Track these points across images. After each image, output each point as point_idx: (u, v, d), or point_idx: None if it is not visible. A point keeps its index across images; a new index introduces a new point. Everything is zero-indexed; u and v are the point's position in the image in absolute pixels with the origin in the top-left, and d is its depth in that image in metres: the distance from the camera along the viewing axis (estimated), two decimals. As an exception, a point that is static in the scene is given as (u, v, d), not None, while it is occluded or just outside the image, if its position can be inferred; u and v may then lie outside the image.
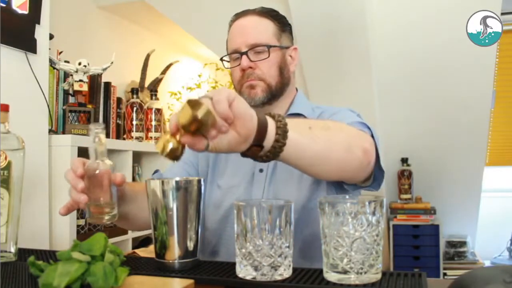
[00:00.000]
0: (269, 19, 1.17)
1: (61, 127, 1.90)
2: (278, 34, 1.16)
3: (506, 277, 0.56)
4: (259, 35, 1.14)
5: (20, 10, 1.54)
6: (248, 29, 1.15)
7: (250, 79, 1.13)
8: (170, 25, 2.87)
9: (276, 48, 1.14)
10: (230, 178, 1.16)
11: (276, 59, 1.14)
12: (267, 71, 1.13)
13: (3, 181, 0.76)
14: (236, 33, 1.16)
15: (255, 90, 1.13)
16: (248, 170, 1.14)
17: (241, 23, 1.17)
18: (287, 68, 1.17)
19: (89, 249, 0.70)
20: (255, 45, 1.12)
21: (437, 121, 3.16)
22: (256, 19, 1.16)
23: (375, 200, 0.70)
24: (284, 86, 1.16)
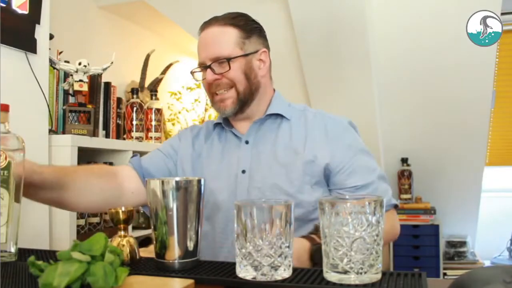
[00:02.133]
0: (232, 27, 1.18)
1: (61, 127, 1.90)
2: (241, 43, 1.17)
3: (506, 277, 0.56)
4: (219, 48, 1.15)
5: (20, 10, 1.54)
6: (209, 42, 1.17)
7: (218, 91, 1.17)
8: (170, 25, 2.87)
9: (238, 57, 1.16)
10: (212, 180, 1.17)
11: (239, 66, 1.16)
12: (232, 78, 1.16)
13: (3, 181, 0.76)
14: (200, 46, 1.19)
15: (225, 103, 1.17)
16: (231, 172, 1.17)
17: (204, 36, 1.19)
18: (254, 73, 1.18)
19: (89, 249, 0.70)
20: (217, 58, 1.15)
21: (437, 121, 3.16)
22: (217, 31, 1.18)
23: (375, 200, 0.70)
24: (253, 91, 1.18)
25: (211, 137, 1.26)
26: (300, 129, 1.19)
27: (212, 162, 1.21)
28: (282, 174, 1.14)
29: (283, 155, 1.16)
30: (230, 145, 1.22)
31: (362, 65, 2.73)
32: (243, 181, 1.15)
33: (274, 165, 1.15)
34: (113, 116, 2.22)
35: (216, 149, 1.23)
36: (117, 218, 0.89)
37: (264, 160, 1.16)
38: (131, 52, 2.80)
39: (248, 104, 1.19)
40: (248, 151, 1.19)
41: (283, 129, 1.20)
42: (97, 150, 2.02)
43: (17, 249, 0.86)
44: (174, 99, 3.20)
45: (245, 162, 1.17)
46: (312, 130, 1.18)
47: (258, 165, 1.16)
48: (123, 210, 0.89)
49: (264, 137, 1.20)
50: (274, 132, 1.20)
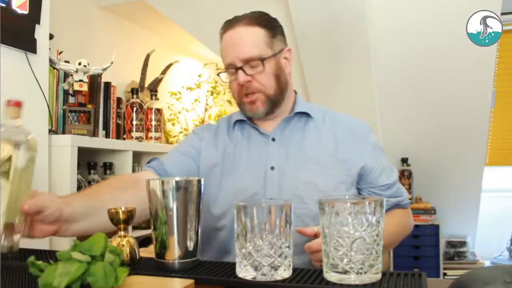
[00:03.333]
0: (258, 26, 1.16)
1: (61, 127, 1.90)
2: (269, 42, 1.16)
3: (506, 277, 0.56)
4: (251, 49, 1.13)
5: (20, 10, 1.54)
6: (239, 42, 1.14)
7: (249, 94, 1.15)
8: (170, 25, 2.87)
9: (270, 57, 1.15)
10: (240, 178, 1.16)
11: (271, 68, 1.15)
12: (264, 82, 1.15)
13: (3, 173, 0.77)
14: (228, 47, 1.16)
15: (256, 104, 1.16)
16: (259, 169, 1.15)
17: (231, 35, 1.16)
18: (283, 72, 1.19)
19: (89, 249, 0.70)
20: (249, 60, 1.13)
21: (437, 121, 3.16)
22: (245, 31, 1.15)
23: (375, 200, 0.70)
24: (283, 91, 1.19)
25: (234, 134, 1.24)
26: (327, 129, 1.20)
27: (238, 160, 1.19)
28: (316, 171, 1.13)
29: (314, 153, 1.16)
30: (256, 142, 1.20)
31: (362, 65, 2.73)
32: (272, 177, 1.14)
33: (306, 162, 1.14)
34: (113, 116, 2.22)
35: (241, 147, 1.21)
36: (117, 218, 0.89)
37: (294, 157, 1.16)
38: (131, 52, 2.80)
39: (279, 105, 1.19)
40: (276, 148, 1.17)
41: (310, 128, 1.20)
42: (97, 150, 2.02)
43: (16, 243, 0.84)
44: (174, 99, 3.20)
45: (273, 158, 1.16)
46: (340, 131, 1.19)
47: (287, 162, 1.15)
48: (123, 210, 0.89)
49: (291, 135, 1.19)
50: (300, 130, 1.20)
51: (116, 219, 0.89)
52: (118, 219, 0.89)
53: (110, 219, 0.89)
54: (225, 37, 1.17)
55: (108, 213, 0.89)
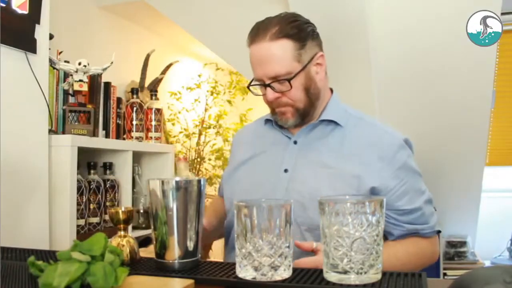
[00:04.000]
0: (286, 39, 1.10)
1: (61, 127, 1.90)
2: (298, 55, 1.11)
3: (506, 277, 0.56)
4: (277, 67, 1.09)
5: (20, 10, 1.54)
6: (265, 59, 1.10)
7: (279, 107, 1.14)
8: (170, 25, 2.87)
9: (299, 73, 1.11)
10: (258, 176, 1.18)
11: (300, 82, 1.12)
12: (293, 97, 1.12)
13: None
14: (255, 62, 1.13)
15: (286, 115, 1.15)
16: (273, 170, 1.17)
17: (257, 51, 1.11)
18: (314, 83, 1.15)
19: (89, 249, 0.70)
20: (276, 77, 1.10)
21: (437, 121, 3.15)
22: (270, 47, 1.09)
23: (375, 200, 0.70)
24: (314, 102, 1.16)
25: (263, 132, 1.26)
26: (353, 138, 1.15)
27: (258, 159, 1.21)
28: (326, 180, 1.09)
29: (330, 161, 1.12)
30: (277, 143, 1.21)
31: (362, 65, 2.73)
32: (283, 179, 1.13)
33: (319, 170, 1.11)
34: (113, 116, 2.22)
35: (265, 145, 1.23)
36: (117, 218, 0.89)
37: (309, 163, 1.13)
38: (131, 52, 2.80)
39: (310, 115, 1.17)
40: (294, 152, 1.17)
41: (335, 136, 1.16)
42: (97, 150, 2.02)
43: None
44: (174, 99, 3.20)
45: (289, 161, 1.15)
46: (366, 143, 1.13)
47: (301, 166, 1.13)
48: (123, 210, 0.89)
49: (314, 140, 1.17)
50: (325, 137, 1.17)
51: (116, 219, 0.89)
52: (118, 219, 0.89)
53: (110, 219, 0.89)
54: (252, 51, 1.13)
55: (108, 213, 0.89)
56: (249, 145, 1.27)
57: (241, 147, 1.29)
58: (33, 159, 1.62)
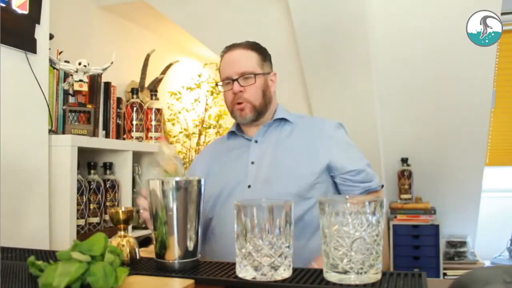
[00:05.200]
0: (253, 51, 1.43)
1: (61, 127, 1.90)
2: (261, 64, 1.43)
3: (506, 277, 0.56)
4: (246, 65, 1.40)
5: (20, 10, 1.54)
6: (237, 60, 1.41)
7: (239, 102, 1.40)
8: (170, 25, 2.87)
9: (260, 75, 1.41)
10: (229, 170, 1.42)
11: (260, 83, 1.41)
12: (253, 94, 1.40)
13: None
14: (228, 63, 1.43)
15: (245, 111, 1.41)
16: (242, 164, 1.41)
17: (231, 55, 1.43)
18: (269, 89, 1.45)
19: (89, 249, 0.70)
20: (244, 73, 1.39)
21: (437, 121, 3.16)
22: (243, 52, 1.43)
23: (375, 200, 0.70)
24: (267, 104, 1.44)
25: (226, 144, 1.52)
26: (300, 128, 1.45)
27: (226, 160, 1.46)
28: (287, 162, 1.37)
29: (287, 148, 1.40)
30: (241, 145, 1.47)
31: (363, 66, 2.73)
32: (252, 170, 1.39)
33: (278, 156, 1.39)
34: (113, 116, 2.22)
35: (231, 151, 1.48)
36: (117, 218, 0.89)
37: (270, 153, 1.40)
38: (131, 52, 2.80)
39: (263, 114, 1.43)
40: (257, 148, 1.43)
41: (286, 129, 1.45)
42: (97, 150, 2.02)
43: None
44: (174, 99, 3.20)
45: (254, 155, 1.41)
46: (311, 129, 1.44)
47: (264, 157, 1.40)
48: (123, 210, 0.89)
49: (270, 136, 1.45)
50: (277, 132, 1.45)
51: (116, 219, 0.89)
52: (118, 219, 0.89)
53: (110, 219, 0.89)
54: (225, 56, 1.45)
55: (108, 213, 0.89)
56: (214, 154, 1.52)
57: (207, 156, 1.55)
58: (33, 159, 1.62)
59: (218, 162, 1.48)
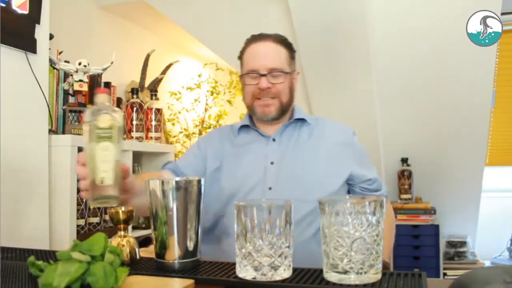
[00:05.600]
0: (283, 46, 1.35)
1: (61, 127, 1.90)
2: (289, 61, 1.36)
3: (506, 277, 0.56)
4: (276, 61, 1.32)
5: (20, 10, 1.54)
6: (267, 54, 1.33)
7: (264, 97, 1.32)
8: (170, 25, 2.87)
9: (288, 73, 1.34)
10: (245, 171, 1.33)
11: (288, 82, 1.35)
12: (280, 92, 1.33)
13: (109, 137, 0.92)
14: (256, 56, 1.33)
15: (269, 108, 1.33)
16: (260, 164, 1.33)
17: (260, 47, 1.34)
18: (294, 88, 1.39)
19: (89, 249, 0.70)
20: (274, 70, 1.31)
21: (437, 121, 3.15)
22: (273, 46, 1.34)
23: (375, 200, 0.70)
24: (291, 102, 1.38)
25: (238, 139, 1.42)
26: (319, 132, 1.40)
27: (241, 159, 1.36)
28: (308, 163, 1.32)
29: (306, 150, 1.35)
30: (256, 142, 1.39)
31: (363, 66, 2.73)
32: (271, 170, 1.31)
33: (299, 156, 1.33)
34: (113, 116, 2.21)
35: (245, 147, 1.39)
36: (117, 218, 0.89)
37: (290, 154, 1.34)
38: (131, 52, 2.80)
39: (285, 113, 1.38)
40: (275, 147, 1.36)
41: (304, 131, 1.40)
42: (97, 150, 2.02)
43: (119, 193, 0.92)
44: (174, 99, 3.20)
45: (273, 155, 1.34)
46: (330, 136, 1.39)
47: (284, 157, 1.33)
48: (123, 210, 0.89)
49: (288, 136, 1.38)
50: (296, 132, 1.39)
51: (116, 219, 0.89)
52: (118, 219, 0.89)
53: (110, 219, 0.89)
54: (253, 47, 1.35)
55: (108, 213, 0.89)
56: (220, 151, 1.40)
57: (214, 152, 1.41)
58: (33, 159, 1.62)
59: (231, 157, 1.38)
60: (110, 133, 0.94)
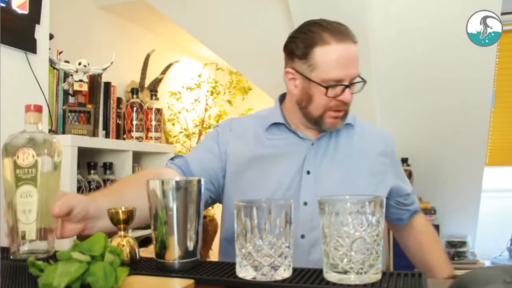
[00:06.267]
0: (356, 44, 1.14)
1: (61, 127, 1.90)
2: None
3: (506, 277, 0.56)
4: (358, 69, 1.13)
5: (20, 10, 1.54)
6: (353, 61, 1.12)
7: (341, 110, 1.15)
8: (170, 25, 2.88)
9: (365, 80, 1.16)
10: (278, 179, 1.15)
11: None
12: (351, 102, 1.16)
13: (31, 179, 0.76)
14: (342, 62, 1.10)
15: (338, 119, 1.16)
16: (296, 172, 1.16)
17: (347, 52, 1.11)
18: None
19: (89, 249, 0.70)
20: (355, 78, 1.13)
21: (437, 121, 3.16)
22: (355, 49, 1.13)
23: (375, 200, 0.70)
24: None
25: (269, 136, 1.21)
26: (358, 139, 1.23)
27: (273, 162, 1.17)
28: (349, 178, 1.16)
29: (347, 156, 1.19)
30: (290, 145, 1.19)
31: (362, 66, 2.72)
32: (308, 182, 1.15)
33: (337, 164, 1.17)
34: (113, 116, 2.22)
35: (278, 149, 1.20)
36: (117, 218, 0.89)
37: (328, 160, 1.17)
38: (131, 52, 2.80)
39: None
40: (313, 152, 1.18)
41: (342, 135, 1.22)
42: (97, 150, 2.02)
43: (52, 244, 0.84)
44: (174, 99, 3.20)
45: (310, 163, 1.16)
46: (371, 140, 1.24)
47: (322, 165, 1.17)
48: (123, 210, 0.89)
49: (327, 140, 1.20)
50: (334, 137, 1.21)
51: (116, 219, 0.89)
52: (118, 219, 0.89)
53: (110, 219, 0.89)
54: (340, 50, 1.10)
55: (108, 213, 0.88)
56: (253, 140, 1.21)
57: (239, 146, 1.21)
58: (33, 159, 1.61)
59: (258, 160, 1.18)
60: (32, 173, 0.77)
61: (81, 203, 0.90)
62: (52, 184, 0.84)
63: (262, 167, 1.16)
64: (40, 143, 0.80)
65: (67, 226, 0.90)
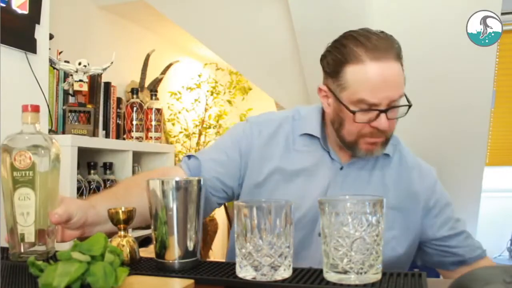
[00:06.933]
0: (400, 62, 0.99)
1: (61, 127, 1.90)
2: (404, 80, 1.00)
3: (506, 277, 0.56)
4: (400, 91, 0.98)
5: (20, 10, 1.54)
6: (392, 82, 0.96)
7: (378, 137, 1.02)
8: (170, 25, 2.87)
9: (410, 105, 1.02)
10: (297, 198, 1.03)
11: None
12: (393, 128, 1.05)
13: (28, 181, 0.76)
14: (376, 85, 0.95)
15: (376, 147, 1.04)
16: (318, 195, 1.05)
17: (383, 73, 0.95)
18: None
19: (89, 249, 0.70)
20: (395, 101, 0.98)
21: (437, 121, 3.15)
22: (396, 68, 0.97)
23: (375, 200, 0.70)
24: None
25: (296, 146, 1.10)
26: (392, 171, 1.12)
27: (294, 179, 1.07)
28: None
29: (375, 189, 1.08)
30: (322, 165, 1.08)
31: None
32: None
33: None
34: (113, 116, 2.22)
35: (302, 165, 1.09)
36: (117, 218, 0.89)
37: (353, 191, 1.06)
38: (131, 52, 2.80)
39: None
40: (341, 178, 1.08)
41: (377, 164, 1.11)
42: (97, 150, 2.02)
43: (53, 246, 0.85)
44: (174, 99, 3.20)
45: (335, 188, 1.06)
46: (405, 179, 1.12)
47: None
48: (123, 210, 0.89)
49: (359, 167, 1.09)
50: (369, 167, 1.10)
51: (116, 219, 0.89)
52: (118, 219, 0.89)
53: (110, 219, 0.89)
54: (375, 68, 0.95)
55: (108, 213, 0.88)
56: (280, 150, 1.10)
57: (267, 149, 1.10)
58: (33, 159, 1.61)
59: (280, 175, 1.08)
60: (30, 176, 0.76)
61: (80, 210, 0.89)
62: (51, 184, 0.84)
63: (282, 184, 1.07)
64: (37, 144, 0.80)
65: (67, 231, 0.92)
